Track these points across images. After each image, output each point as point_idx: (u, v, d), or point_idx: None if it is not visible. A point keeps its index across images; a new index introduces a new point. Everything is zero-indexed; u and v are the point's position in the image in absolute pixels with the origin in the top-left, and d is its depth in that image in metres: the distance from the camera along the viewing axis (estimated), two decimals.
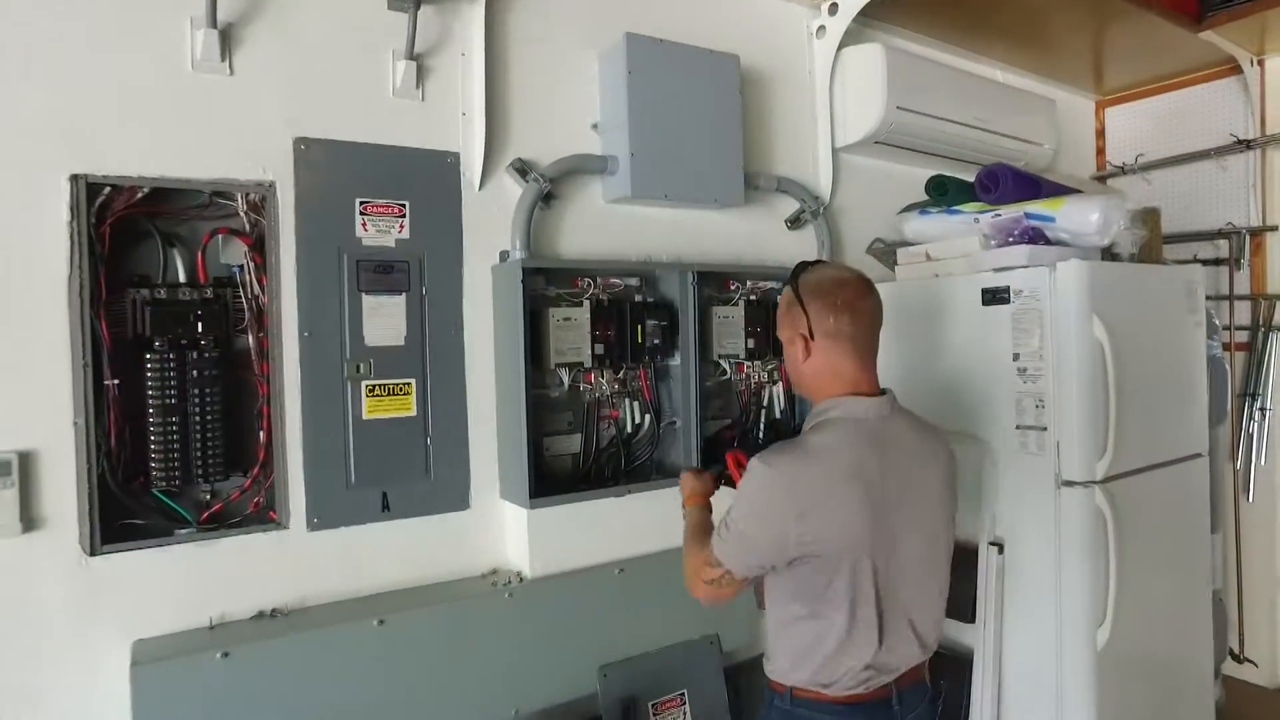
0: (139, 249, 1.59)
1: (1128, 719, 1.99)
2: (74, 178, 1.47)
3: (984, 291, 2.08)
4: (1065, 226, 1.95)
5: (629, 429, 2.05)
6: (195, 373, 1.60)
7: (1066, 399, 1.91)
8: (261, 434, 1.69)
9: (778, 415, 2.31)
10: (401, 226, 1.81)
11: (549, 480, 1.93)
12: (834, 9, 2.43)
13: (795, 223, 2.44)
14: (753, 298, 2.24)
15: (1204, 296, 2.23)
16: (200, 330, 1.60)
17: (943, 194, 2.22)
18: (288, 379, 1.69)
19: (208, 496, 1.66)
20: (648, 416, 2.07)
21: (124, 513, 1.55)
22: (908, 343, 2.27)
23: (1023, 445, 2.01)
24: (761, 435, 2.28)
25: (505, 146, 1.95)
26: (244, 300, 1.67)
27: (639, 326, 2.01)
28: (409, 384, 1.82)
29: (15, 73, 1.43)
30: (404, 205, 1.81)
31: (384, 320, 1.79)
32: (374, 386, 1.77)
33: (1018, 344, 2.01)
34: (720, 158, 2.13)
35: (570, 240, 2.04)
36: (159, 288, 1.57)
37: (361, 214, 1.76)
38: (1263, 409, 2.97)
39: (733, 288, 2.23)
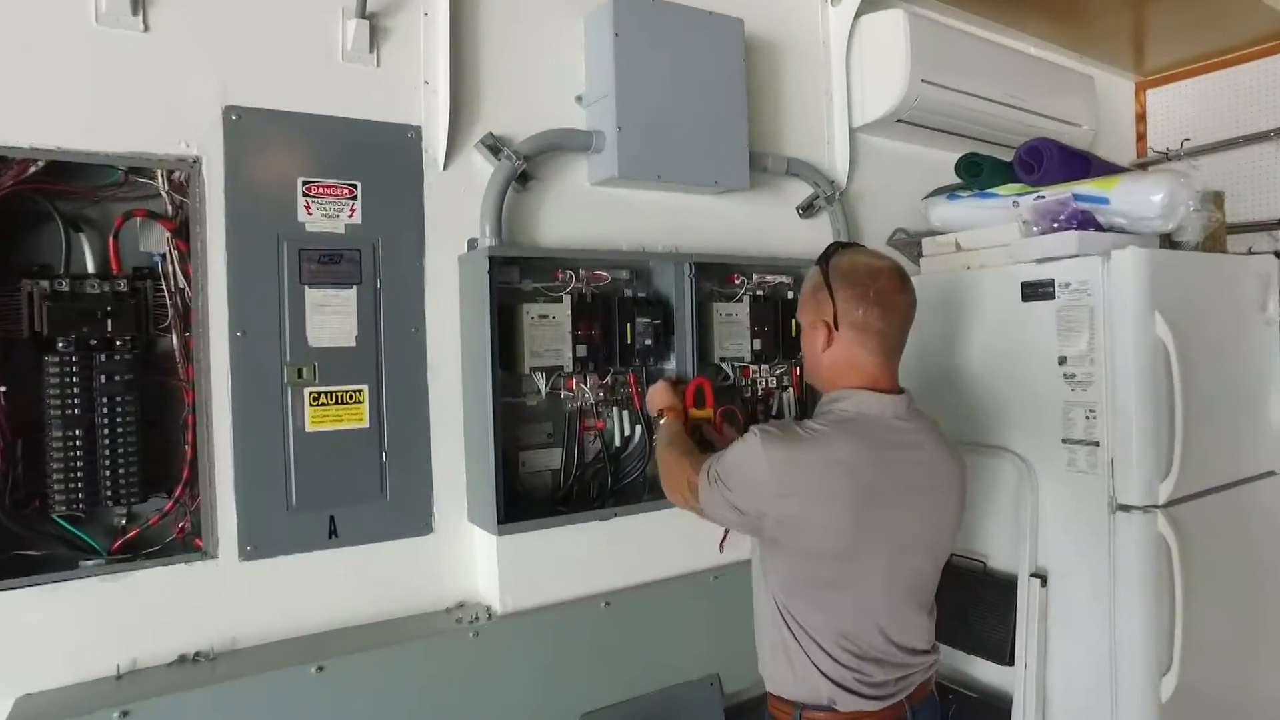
0: (37, 234, 1.37)
1: None
2: None
3: (1024, 285, 1.83)
4: (1122, 209, 1.68)
5: (617, 442, 1.81)
6: (105, 378, 1.37)
7: (1123, 409, 1.65)
8: (186, 449, 1.46)
9: None
10: (352, 210, 1.58)
11: (524, 501, 1.69)
12: None
13: (808, 210, 2.19)
14: (759, 293, 1.98)
15: (1278, 292, 1.95)
16: (111, 329, 1.38)
17: (975, 174, 1.96)
18: (217, 385, 1.46)
19: (122, 522, 1.43)
20: (638, 428, 1.82)
21: (15, 543, 1.32)
22: (934, 344, 2.02)
23: (1070, 463, 1.75)
24: None
25: (474, 120, 1.71)
26: (166, 294, 1.44)
27: (628, 325, 1.76)
28: (360, 391, 1.58)
29: None
30: (355, 186, 1.58)
31: (331, 317, 1.55)
32: (319, 394, 1.54)
33: (1064, 345, 1.75)
34: (722, 135, 1.88)
35: (550, 227, 1.80)
36: (61, 279, 1.35)
37: (305, 195, 1.53)
38: None
39: (736, 282, 1.98)
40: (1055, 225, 1.74)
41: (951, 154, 2.35)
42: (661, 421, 1.58)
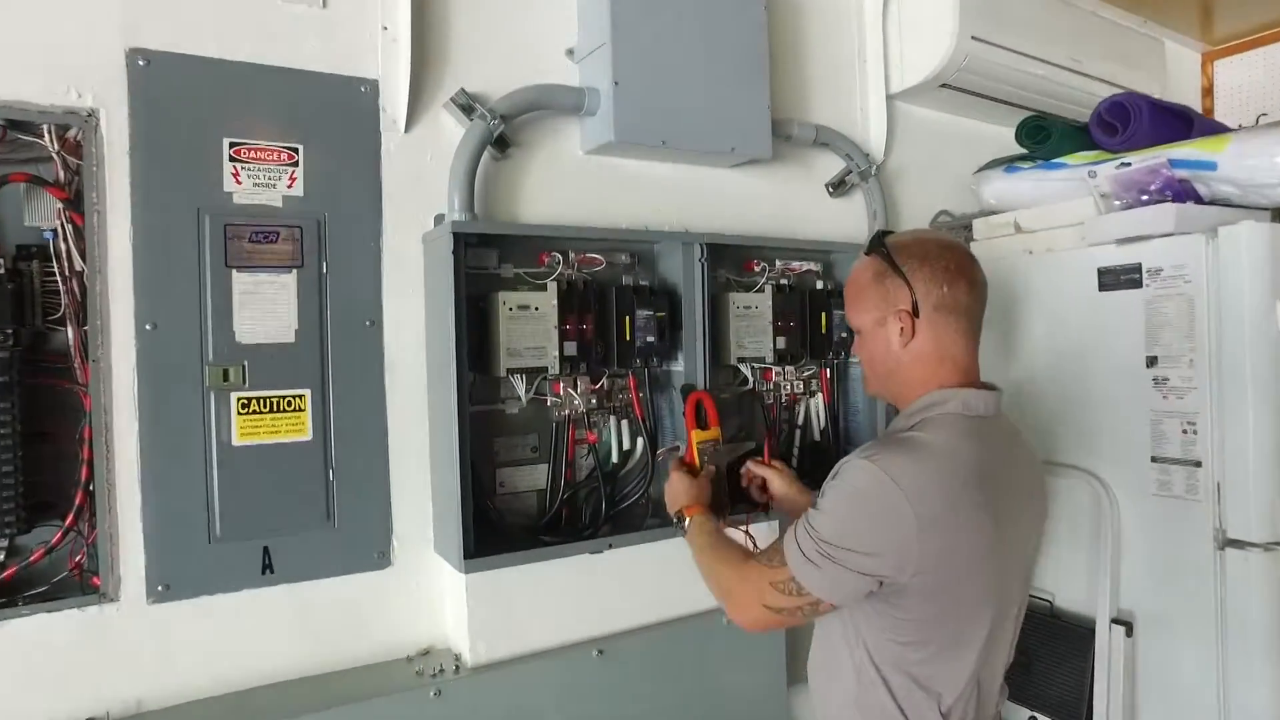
0: None
1: None
2: None
3: (1101, 272, 1.53)
4: (1233, 175, 1.38)
5: (614, 457, 1.52)
6: None
7: (1235, 422, 1.34)
8: (83, 467, 1.20)
9: (816, 437, 1.77)
10: (292, 179, 1.31)
11: (500, 529, 1.41)
12: None
13: (839, 187, 1.89)
14: (784, 282, 1.69)
15: None
16: None
17: (1041, 141, 1.65)
18: (120, 389, 1.20)
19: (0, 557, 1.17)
20: (640, 440, 1.54)
21: None
22: (988, 342, 1.71)
23: (1162, 486, 1.45)
24: (796, 462, 1.73)
25: (443, 75, 1.44)
26: (58, 278, 1.18)
27: (627, 318, 1.48)
28: (301, 396, 1.31)
29: None
30: (295, 150, 1.31)
31: (265, 308, 1.29)
32: (250, 400, 1.27)
33: (1155, 344, 1.44)
34: (739, 96, 1.60)
35: (534, 203, 1.53)
36: None
37: (233, 160, 1.27)
38: None
39: (757, 269, 1.68)
40: (1144, 198, 1.44)
41: (1002, 127, 2.07)
42: (688, 522, 1.22)
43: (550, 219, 1.52)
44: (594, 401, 1.49)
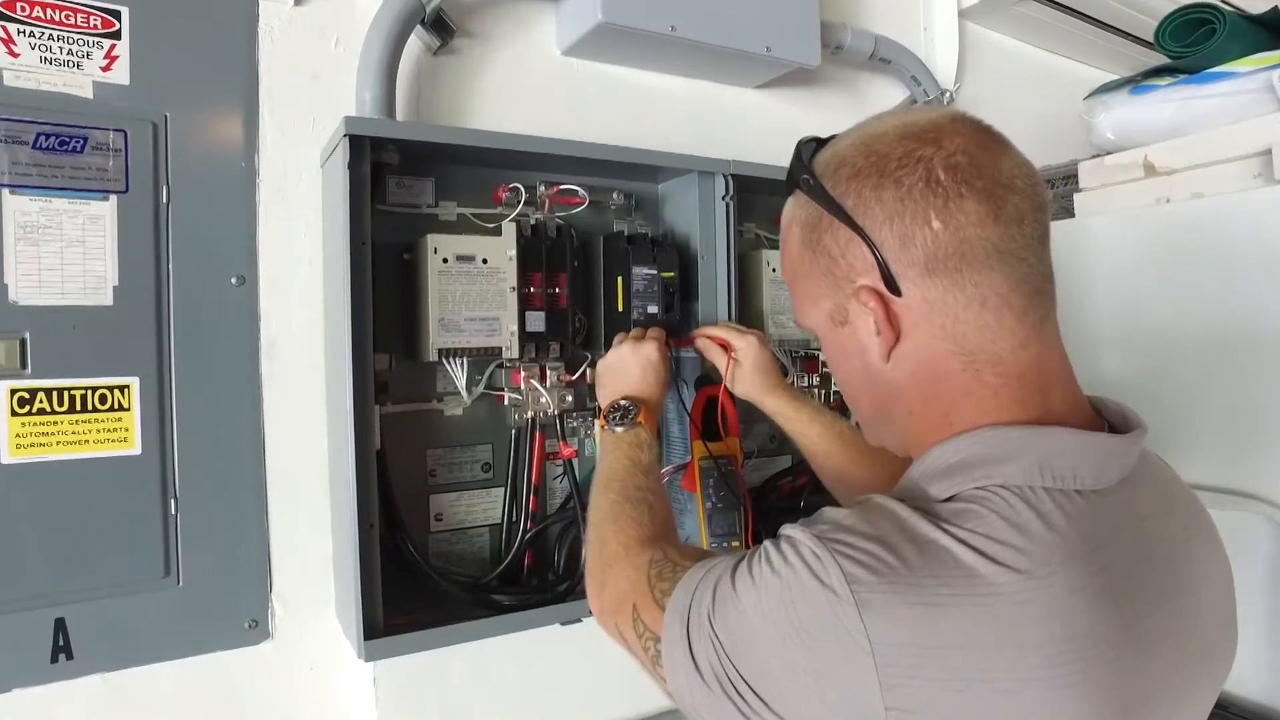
0: None
1: None
2: None
3: None
4: None
5: None
6: None
7: None
8: None
9: None
10: (110, 57, 0.86)
11: (430, 588, 0.95)
12: None
13: None
14: None
15: None
16: None
17: (1197, 42, 1.19)
18: None
19: None
20: None
21: None
22: (1105, 326, 1.28)
23: None
24: None
25: None
26: None
27: (620, 280, 1.03)
28: (124, 388, 0.87)
29: None
30: (116, 15, 0.87)
31: (61, 252, 0.84)
32: (33, 394, 0.82)
33: None
34: None
35: (490, 119, 1.08)
36: None
37: (3, 17, 0.82)
38: None
39: None
40: None
41: (1098, 70, 1.65)
42: (604, 428, 0.84)
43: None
44: (570, 400, 1.03)
